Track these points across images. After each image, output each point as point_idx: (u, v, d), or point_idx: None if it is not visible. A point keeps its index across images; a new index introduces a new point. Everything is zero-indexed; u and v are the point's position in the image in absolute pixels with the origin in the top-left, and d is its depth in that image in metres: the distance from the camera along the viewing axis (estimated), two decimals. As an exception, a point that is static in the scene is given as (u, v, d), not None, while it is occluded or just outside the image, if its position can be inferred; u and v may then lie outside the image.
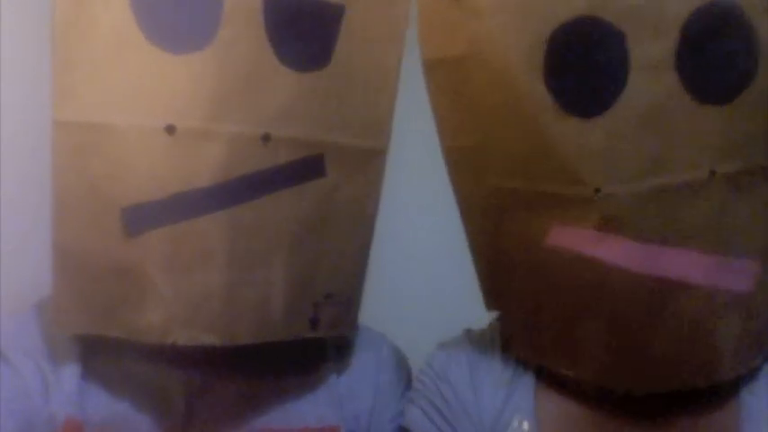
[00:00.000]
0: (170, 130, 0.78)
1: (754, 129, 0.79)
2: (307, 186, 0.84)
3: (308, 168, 0.84)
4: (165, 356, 0.87)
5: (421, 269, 1.13)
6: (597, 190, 0.78)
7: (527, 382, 0.91)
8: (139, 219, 0.79)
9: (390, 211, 0.94)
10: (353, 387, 0.94)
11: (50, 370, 0.85)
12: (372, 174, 0.90)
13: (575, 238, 0.80)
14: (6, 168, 1.03)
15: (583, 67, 0.77)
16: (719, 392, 0.85)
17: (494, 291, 0.92)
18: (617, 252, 0.79)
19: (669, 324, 0.80)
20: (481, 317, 0.97)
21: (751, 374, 0.85)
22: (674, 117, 0.77)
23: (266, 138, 0.81)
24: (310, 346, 0.92)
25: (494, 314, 0.95)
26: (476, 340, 0.96)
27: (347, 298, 0.91)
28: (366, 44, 0.87)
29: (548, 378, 0.90)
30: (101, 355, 0.87)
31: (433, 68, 0.87)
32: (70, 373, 0.86)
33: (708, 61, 0.77)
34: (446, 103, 0.87)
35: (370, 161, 0.89)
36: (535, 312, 0.88)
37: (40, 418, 0.84)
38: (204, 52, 0.78)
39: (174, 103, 0.78)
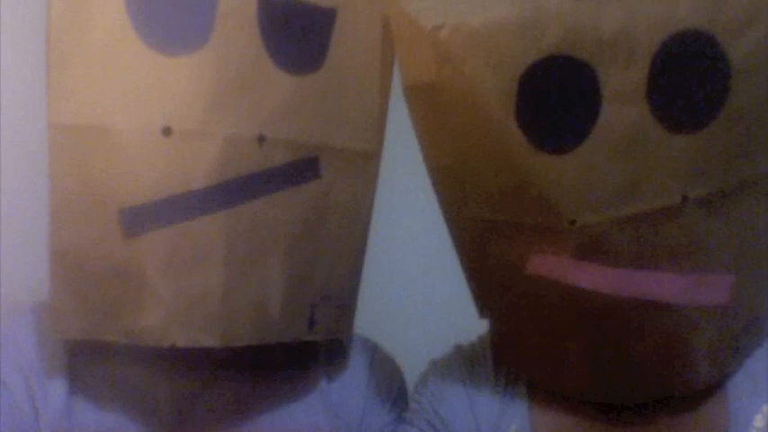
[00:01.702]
0: (167, 131, 0.78)
1: (725, 152, 0.80)
2: (302, 188, 0.85)
3: (303, 170, 0.85)
4: (154, 364, 0.87)
5: (414, 275, 1.13)
6: (572, 221, 0.79)
7: (521, 391, 0.92)
8: (137, 220, 0.78)
9: (384, 217, 0.95)
10: (344, 394, 0.94)
11: (38, 384, 0.85)
12: (366, 176, 0.91)
13: (552, 267, 0.81)
14: (6, 168, 1.03)
15: (555, 103, 0.78)
16: (706, 392, 0.87)
17: (481, 304, 0.93)
18: (594, 279, 0.80)
19: (648, 340, 0.82)
20: (474, 324, 0.97)
21: (737, 372, 0.87)
22: (645, 146, 0.78)
23: (261, 139, 0.81)
24: (302, 351, 0.92)
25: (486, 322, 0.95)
26: (468, 355, 0.97)
27: (344, 300, 0.91)
28: (358, 47, 0.88)
29: (540, 387, 0.92)
30: (89, 365, 0.86)
31: (409, 92, 0.88)
32: (58, 387, 0.85)
33: (678, 90, 0.78)
34: (424, 125, 0.88)
35: (363, 163, 0.90)
36: (519, 331, 0.90)
37: (29, 429, 0.83)
38: (199, 54, 0.79)
39: (170, 105, 0.78)
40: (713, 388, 0.87)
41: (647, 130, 0.78)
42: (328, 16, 0.85)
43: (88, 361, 0.86)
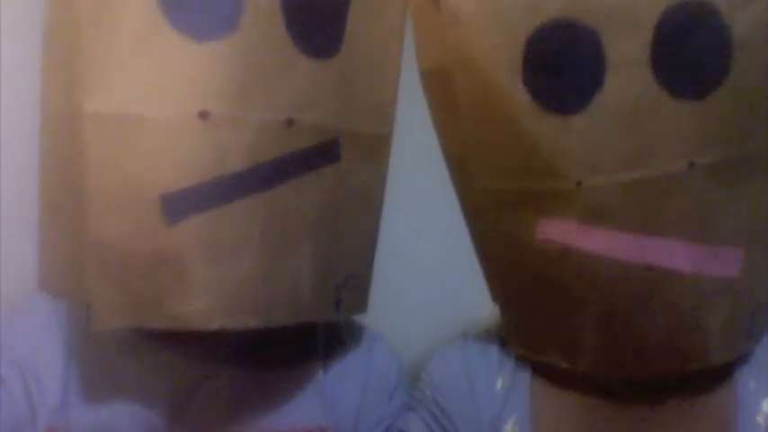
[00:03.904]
0: (203, 115, 0.78)
1: (731, 121, 0.81)
2: (323, 172, 0.86)
3: (325, 153, 0.87)
4: (151, 359, 0.88)
5: (418, 265, 1.14)
6: (579, 183, 0.81)
7: (524, 378, 0.93)
8: (177, 206, 0.78)
9: (390, 206, 0.97)
10: (341, 385, 0.95)
11: (34, 378, 0.85)
12: (380, 158, 0.93)
13: (560, 231, 0.83)
14: (6, 168, 1.00)
15: (560, 67, 0.80)
16: (713, 378, 0.88)
17: (494, 286, 0.96)
18: (602, 242, 0.81)
19: (659, 312, 0.83)
20: (482, 313, 1.00)
21: (745, 358, 0.88)
22: (650, 112, 0.80)
23: (290, 122, 0.83)
24: (299, 342, 0.93)
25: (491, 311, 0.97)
26: (471, 344, 0.98)
27: (363, 279, 0.94)
28: (373, 31, 0.90)
29: (543, 375, 0.93)
30: (85, 360, 0.86)
31: (426, 78, 0.91)
32: (54, 382, 0.85)
33: (681, 58, 0.79)
34: (440, 111, 0.92)
35: (377, 146, 0.93)
36: (530, 308, 0.91)
37: (25, 427, 0.83)
38: (228, 40, 0.79)
39: (204, 91, 0.79)
40: (722, 374, 0.88)
41: (651, 96, 0.79)
42: (343, 1, 0.87)
43: (84, 356, 0.86)
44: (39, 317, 0.90)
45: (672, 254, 0.81)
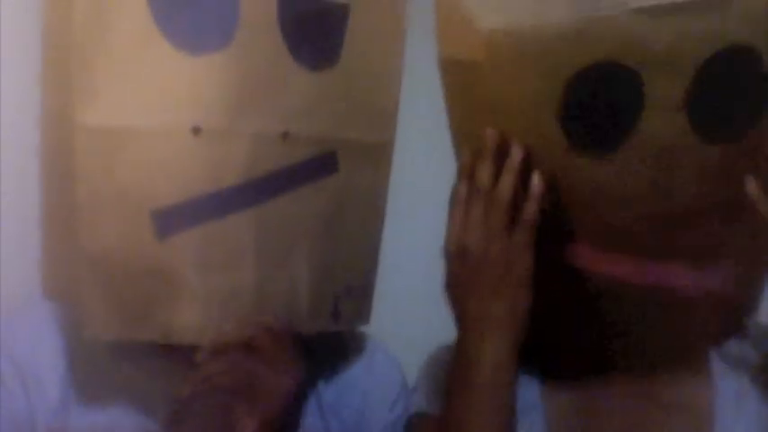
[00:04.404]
0: (196, 130, 0.78)
1: (748, 164, 0.83)
2: (321, 183, 0.86)
3: (322, 165, 0.86)
4: (150, 363, 0.87)
5: (423, 271, 1.13)
6: (602, 217, 0.83)
7: (533, 382, 0.94)
8: (169, 221, 0.79)
9: (393, 211, 0.96)
10: (341, 394, 0.94)
11: (34, 381, 0.85)
12: (381, 167, 0.93)
13: (580, 255, 0.85)
14: (6, 169, 1.01)
15: (598, 107, 0.80)
16: (694, 371, 0.93)
17: None
18: (614, 266, 0.85)
19: (662, 327, 0.88)
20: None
21: (723, 353, 0.93)
22: (681, 155, 0.81)
23: (285, 135, 0.82)
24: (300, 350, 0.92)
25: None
26: None
27: (364, 290, 0.93)
28: (370, 41, 0.89)
29: (551, 370, 0.95)
30: (85, 363, 0.87)
31: (446, 64, 0.88)
32: (54, 384, 0.85)
33: (718, 103, 0.80)
34: (460, 103, 0.89)
35: (378, 155, 0.92)
36: (544, 323, 0.91)
37: (25, 428, 0.84)
38: (223, 52, 0.79)
39: (197, 104, 0.79)
40: (701, 368, 0.93)
41: (684, 139, 0.81)
42: (342, 12, 0.86)
43: (84, 358, 0.87)
44: (39, 318, 0.90)
45: (676, 276, 0.85)
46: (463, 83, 0.85)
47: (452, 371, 0.86)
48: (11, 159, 1.02)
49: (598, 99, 0.80)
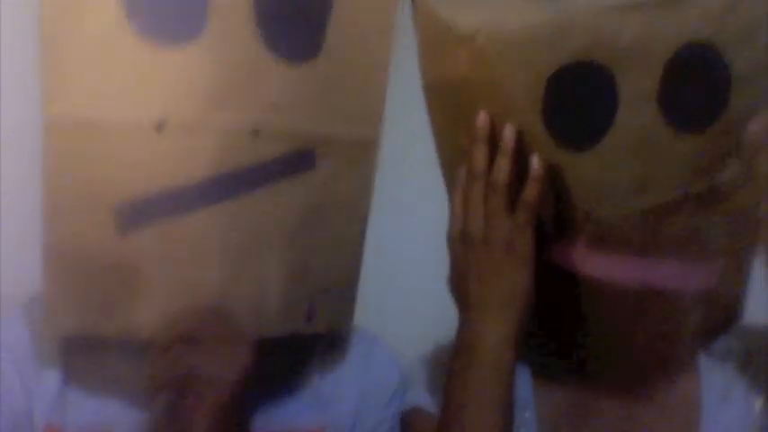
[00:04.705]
0: (161, 125, 0.77)
1: (723, 151, 0.87)
2: (298, 180, 0.84)
3: (298, 161, 0.84)
4: (147, 357, 0.85)
5: (421, 264, 1.12)
6: (588, 213, 0.85)
7: (524, 370, 0.95)
8: (132, 216, 0.78)
9: (386, 206, 0.94)
10: (337, 388, 0.93)
11: (32, 376, 0.85)
12: (365, 165, 0.90)
13: (567, 255, 0.87)
14: (6, 168, 1.02)
15: (577, 104, 0.84)
16: (684, 371, 0.96)
17: None
18: (605, 266, 0.87)
19: (649, 325, 0.89)
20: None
21: (709, 353, 0.96)
22: (656, 146, 0.84)
23: (256, 132, 0.80)
24: (295, 344, 0.90)
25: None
26: None
27: (343, 292, 0.91)
28: (356, 35, 0.86)
29: (542, 367, 0.96)
30: (83, 357, 0.86)
31: (430, 90, 0.91)
32: (52, 379, 0.85)
33: (686, 95, 0.85)
34: (445, 122, 0.91)
35: (362, 152, 0.89)
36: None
37: (24, 424, 0.84)
38: (194, 45, 0.77)
39: (164, 99, 0.77)
40: (689, 368, 0.96)
41: (657, 131, 0.84)
42: (324, 2, 0.84)
43: (82, 353, 0.86)
44: (36, 314, 0.90)
45: (665, 273, 0.87)
46: (448, 98, 0.88)
47: (453, 356, 0.87)
48: (12, 159, 1.03)
49: (577, 96, 0.83)
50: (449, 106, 0.89)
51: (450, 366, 0.87)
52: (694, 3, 0.84)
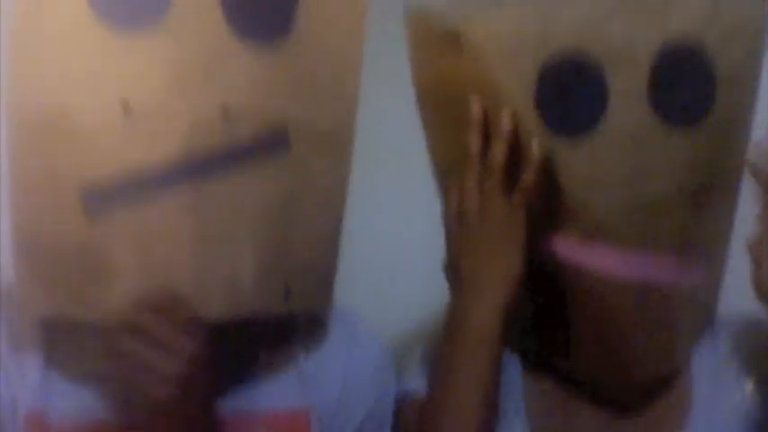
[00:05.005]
0: (128, 109, 0.77)
1: (713, 150, 0.89)
2: (273, 162, 0.83)
3: (271, 144, 0.83)
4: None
5: (399, 247, 1.12)
6: (582, 205, 0.87)
7: (514, 364, 0.97)
8: (99, 201, 0.78)
9: (367, 188, 0.94)
10: (322, 368, 0.93)
11: (13, 361, 0.85)
12: (339, 150, 0.89)
13: (564, 247, 0.89)
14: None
15: (569, 95, 0.87)
16: (672, 378, 0.97)
17: None
18: (601, 259, 0.88)
19: (644, 321, 0.91)
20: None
21: (699, 354, 0.97)
22: (647, 139, 0.87)
23: (226, 115, 0.80)
24: (279, 324, 0.91)
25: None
26: None
27: (321, 272, 0.90)
28: (327, 14, 0.85)
29: (531, 363, 0.98)
30: (65, 342, 0.86)
31: (422, 89, 0.94)
32: (33, 365, 0.85)
33: (673, 91, 0.87)
34: (437, 121, 0.94)
35: (336, 138, 0.88)
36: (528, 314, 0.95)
37: (6, 410, 0.84)
38: (157, 29, 0.77)
39: (129, 84, 0.77)
40: (678, 375, 0.97)
41: (648, 125, 0.87)
42: None
43: (64, 339, 0.86)
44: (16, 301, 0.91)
45: (660, 269, 0.89)
46: (440, 95, 0.92)
47: (442, 334, 0.90)
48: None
49: (567, 88, 0.86)
50: (441, 103, 0.92)
51: (440, 345, 0.89)
52: (679, 3, 0.87)
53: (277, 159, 0.83)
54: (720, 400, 0.94)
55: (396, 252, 1.13)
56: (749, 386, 0.94)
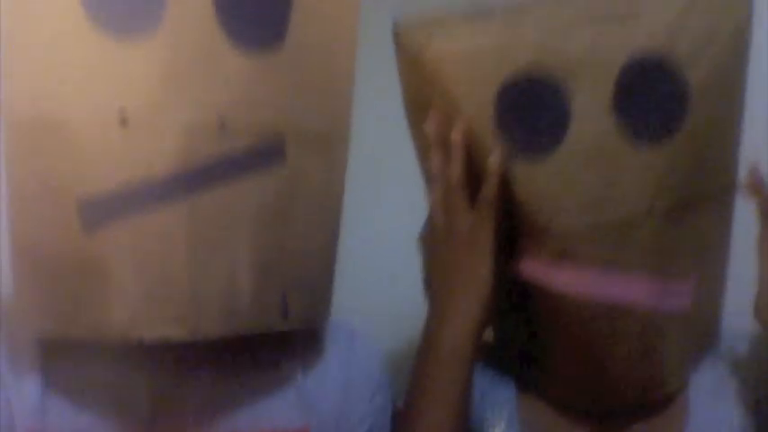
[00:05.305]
0: (123, 121, 0.76)
1: (688, 165, 0.87)
2: (267, 173, 0.82)
3: (267, 154, 0.82)
4: (128, 360, 0.85)
5: (393, 259, 1.11)
6: (548, 226, 0.85)
7: (508, 381, 0.98)
8: (96, 213, 0.76)
9: (363, 198, 0.95)
10: (321, 385, 0.91)
11: (12, 380, 0.84)
12: (335, 158, 0.88)
13: (533, 269, 0.88)
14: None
15: (529, 115, 0.85)
16: (668, 402, 0.95)
17: None
18: (571, 280, 0.86)
19: (620, 345, 0.88)
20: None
21: (698, 371, 0.96)
22: (612, 158, 0.85)
23: (222, 124, 0.79)
24: (277, 343, 0.90)
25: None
26: None
27: (318, 287, 0.89)
28: (320, 22, 0.85)
29: (527, 383, 0.98)
30: (63, 362, 0.84)
31: (410, 107, 0.94)
32: (31, 384, 0.84)
33: (641, 107, 0.85)
34: (420, 135, 0.92)
35: (331, 146, 0.88)
36: (511, 337, 0.97)
37: (3, 429, 0.82)
38: (152, 38, 0.76)
39: (125, 93, 0.76)
40: (675, 398, 0.95)
41: (612, 142, 0.84)
42: None
43: (62, 358, 0.85)
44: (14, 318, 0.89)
45: (632, 290, 0.87)
46: (420, 112, 0.91)
47: (417, 349, 0.91)
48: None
49: (528, 107, 0.85)
50: (419, 117, 0.91)
51: (414, 360, 0.91)
52: (644, 16, 0.85)
53: (272, 167, 0.82)
54: (718, 417, 0.93)
55: (392, 261, 1.12)
56: (748, 403, 0.93)
